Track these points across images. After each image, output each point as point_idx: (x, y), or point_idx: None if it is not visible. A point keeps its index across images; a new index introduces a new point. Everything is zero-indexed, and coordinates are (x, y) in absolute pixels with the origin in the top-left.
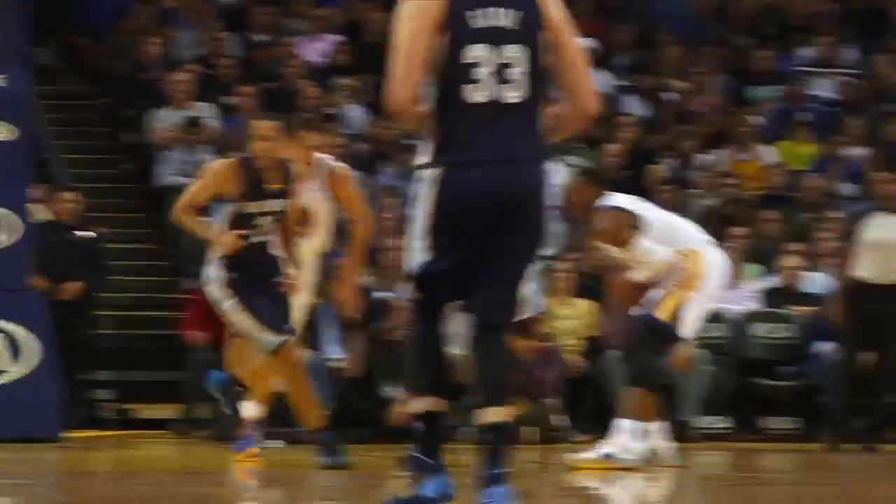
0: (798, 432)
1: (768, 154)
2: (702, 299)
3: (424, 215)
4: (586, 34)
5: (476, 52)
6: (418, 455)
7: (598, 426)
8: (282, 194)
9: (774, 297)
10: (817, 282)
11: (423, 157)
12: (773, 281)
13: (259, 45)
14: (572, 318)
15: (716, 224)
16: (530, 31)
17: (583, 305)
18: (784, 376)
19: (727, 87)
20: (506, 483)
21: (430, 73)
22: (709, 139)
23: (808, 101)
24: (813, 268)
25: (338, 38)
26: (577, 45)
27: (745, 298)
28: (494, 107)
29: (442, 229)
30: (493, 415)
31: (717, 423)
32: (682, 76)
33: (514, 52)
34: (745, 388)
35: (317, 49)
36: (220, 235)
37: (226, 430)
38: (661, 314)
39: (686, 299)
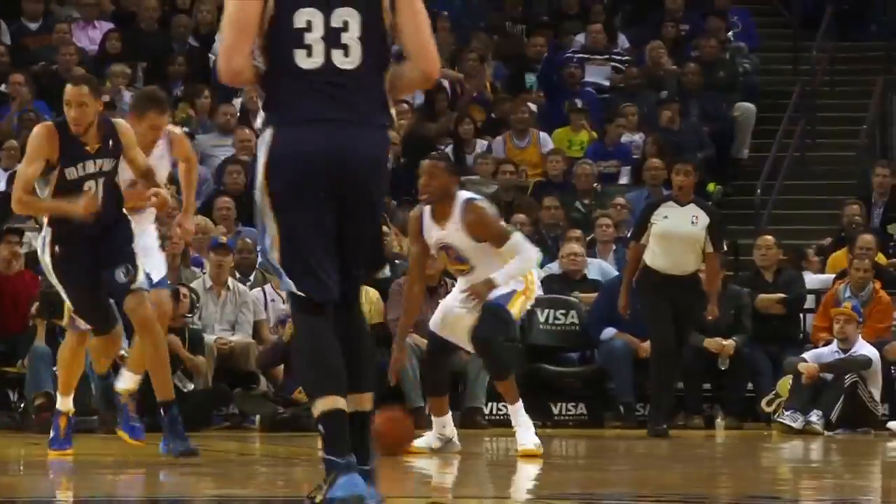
0: (585, 417)
1: (545, 141)
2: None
3: (260, 183)
4: None
5: (305, 17)
6: (328, 456)
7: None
8: (104, 154)
9: (557, 283)
10: (598, 268)
11: (258, 125)
12: (555, 267)
13: (31, 33)
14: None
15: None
16: None
17: (367, 293)
18: (570, 362)
19: (502, 74)
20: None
21: (260, 39)
22: (485, 126)
23: (583, 87)
24: (593, 254)
25: (110, 25)
26: (418, 6)
27: None
28: (328, 72)
29: (279, 195)
30: (362, 402)
31: (504, 409)
32: (456, 63)
33: (346, 16)
34: (533, 374)
35: (89, 36)
36: (71, 205)
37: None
38: (514, 309)
39: (530, 296)
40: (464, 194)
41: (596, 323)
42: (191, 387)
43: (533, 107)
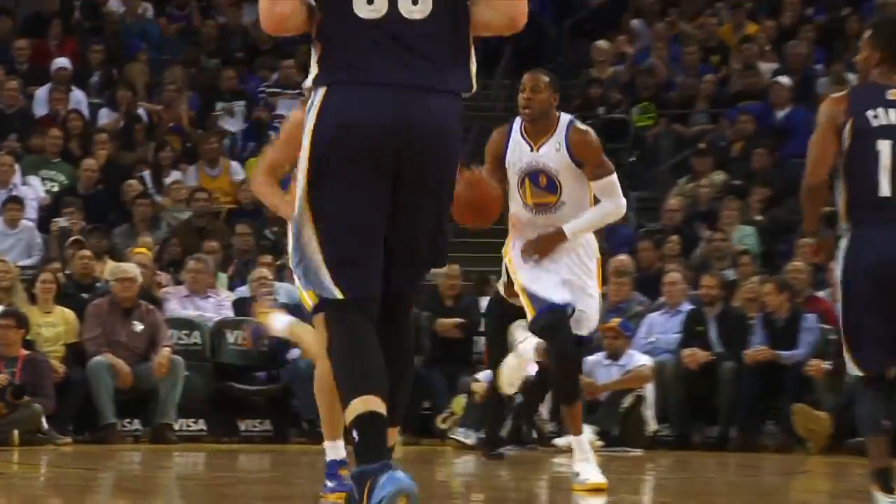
0: (271, 433)
1: (235, 170)
2: None
3: (304, 156)
4: (60, 54)
5: None
6: (361, 467)
7: (81, 428)
8: None
9: (246, 306)
10: (286, 292)
11: (308, 83)
12: (245, 291)
13: None
14: (54, 326)
15: (190, 237)
16: None
17: (63, 313)
18: (258, 381)
19: (196, 105)
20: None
21: None
22: (180, 155)
23: (275, 120)
24: (281, 278)
25: None
26: None
27: (219, 307)
28: (393, 23)
29: (324, 171)
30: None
31: (194, 425)
32: (153, 94)
33: None
34: (222, 391)
35: None
36: None
37: None
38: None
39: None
40: (567, 115)
41: (282, 343)
42: None
43: (225, 137)
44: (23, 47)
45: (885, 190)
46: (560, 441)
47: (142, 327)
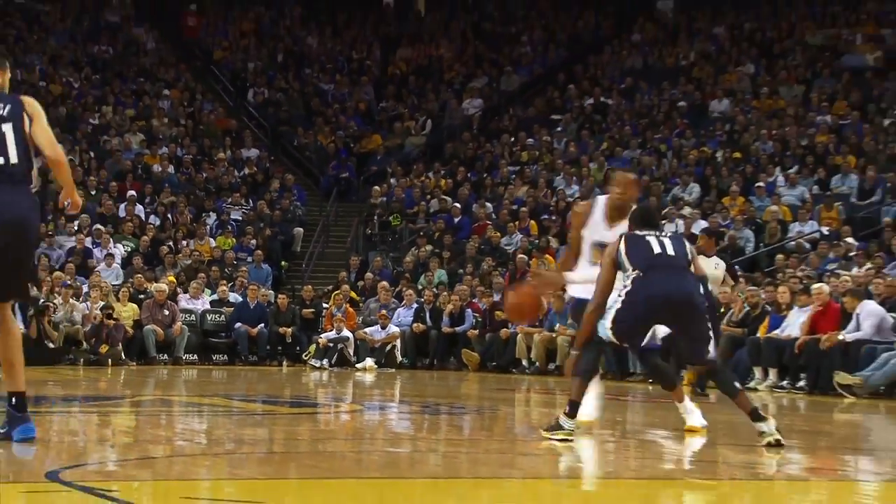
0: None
1: None
2: None
3: None
4: None
5: None
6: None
7: (138, 359)
8: None
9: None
10: None
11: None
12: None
13: None
14: (127, 311)
15: (189, 272)
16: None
17: (132, 306)
18: (221, 338)
19: None
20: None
21: None
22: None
23: None
24: None
25: None
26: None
27: (203, 304)
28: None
29: None
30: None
31: (190, 357)
32: None
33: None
34: (204, 343)
35: None
36: None
37: None
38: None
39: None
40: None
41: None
42: None
43: None
44: None
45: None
46: None
47: (168, 312)
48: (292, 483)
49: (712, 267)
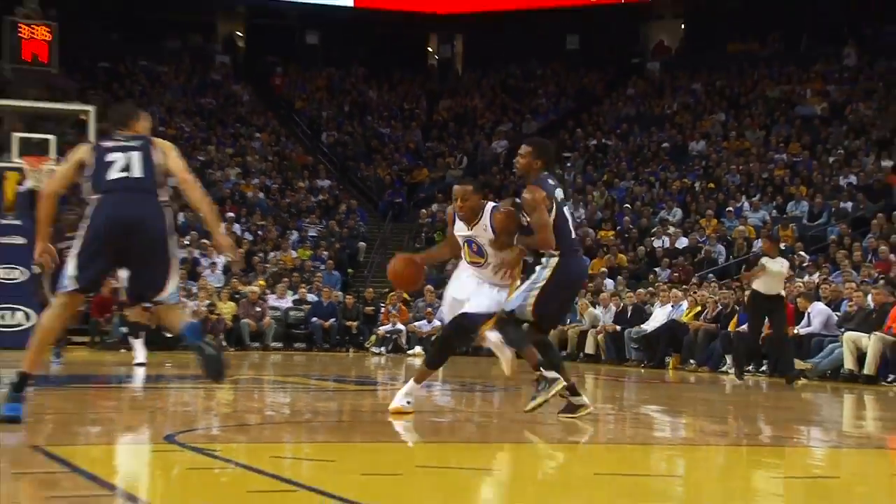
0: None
1: None
2: None
3: None
4: None
5: None
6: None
7: (237, 346)
8: None
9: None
10: None
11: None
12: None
13: None
14: (227, 308)
15: (274, 277)
16: None
17: (231, 303)
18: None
19: None
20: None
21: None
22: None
23: None
24: None
25: None
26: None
27: (287, 304)
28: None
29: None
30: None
31: (273, 344)
32: None
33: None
34: (285, 333)
35: None
36: None
37: None
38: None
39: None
40: (490, 204)
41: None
42: None
43: None
44: None
45: None
46: None
47: (259, 309)
48: (357, 446)
49: (778, 266)
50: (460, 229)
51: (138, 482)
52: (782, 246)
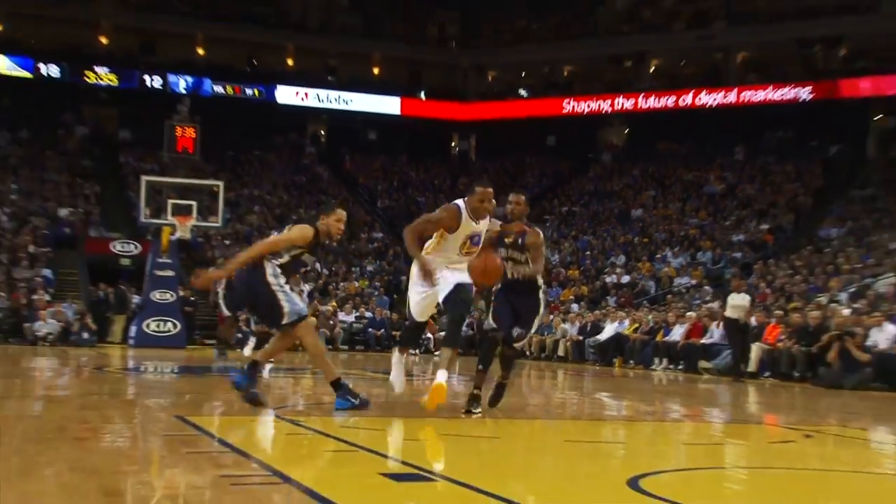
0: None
1: None
2: None
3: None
4: None
5: None
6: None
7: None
8: None
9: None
10: None
11: None
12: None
13: None
14: None
15: (345, 301)
16: None
17: None
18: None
19: None
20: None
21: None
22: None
23: None
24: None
25: None
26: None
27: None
28: None
29: None
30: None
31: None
32: None
33: None
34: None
35: None
36: None
37: None
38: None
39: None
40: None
41: None
42: None
43: None
44: None
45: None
46: None
47: (332, 322)
48: (398, 420)
49: (741, 299)
50: (467, 225)
51: (250, 442)
52: (693, 282)
